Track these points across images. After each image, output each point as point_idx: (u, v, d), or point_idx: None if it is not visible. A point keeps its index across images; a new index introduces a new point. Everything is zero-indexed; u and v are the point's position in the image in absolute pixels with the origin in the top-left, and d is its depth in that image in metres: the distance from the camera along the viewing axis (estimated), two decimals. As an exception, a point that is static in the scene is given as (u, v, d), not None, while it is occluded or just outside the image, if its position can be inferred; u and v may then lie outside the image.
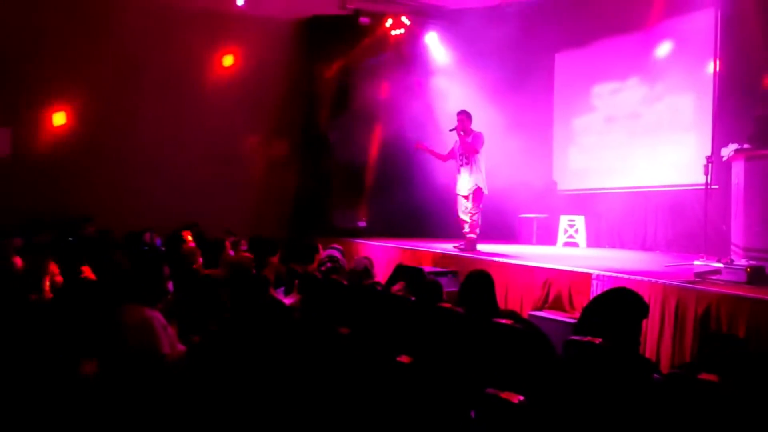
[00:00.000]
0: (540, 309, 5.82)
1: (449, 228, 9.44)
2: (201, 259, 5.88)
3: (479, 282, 3.72)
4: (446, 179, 9.57)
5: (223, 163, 10.49)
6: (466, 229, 7.71)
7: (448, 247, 7.84)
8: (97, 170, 9.52)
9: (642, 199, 8.72)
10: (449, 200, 9.59)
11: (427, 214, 10.09)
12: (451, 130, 7.88)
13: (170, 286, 3.76)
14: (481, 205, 7.75)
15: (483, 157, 7.74)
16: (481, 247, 7.93)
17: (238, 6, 10.07)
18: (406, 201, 10.52)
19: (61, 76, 9.31)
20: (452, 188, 8.25)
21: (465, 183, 7.78)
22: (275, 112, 11.21)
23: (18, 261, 5.48)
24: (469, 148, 7.69)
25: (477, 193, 7.69)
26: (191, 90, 10.27)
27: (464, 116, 7.78)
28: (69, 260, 5.28)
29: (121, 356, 3.22)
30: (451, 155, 7.99)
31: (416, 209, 10.34)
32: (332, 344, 3.25)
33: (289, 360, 2.90)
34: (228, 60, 10.62)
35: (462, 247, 7.63)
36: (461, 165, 7.81)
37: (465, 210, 7.80)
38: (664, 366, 4.53)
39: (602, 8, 9.05)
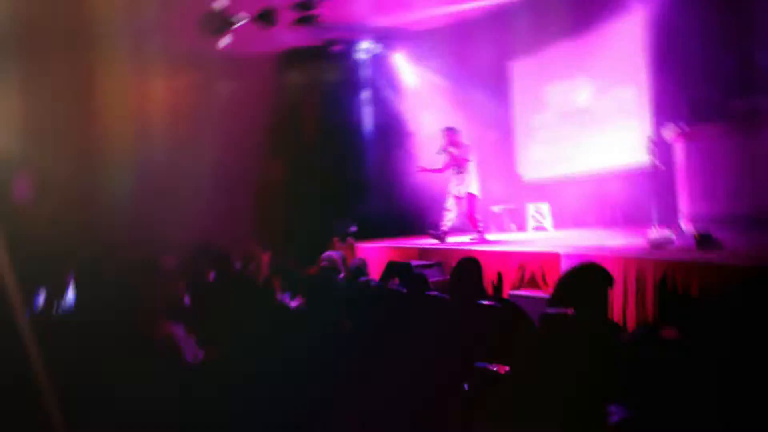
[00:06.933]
0: (518, 288, 5.85)
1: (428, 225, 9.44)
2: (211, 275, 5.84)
3: (468, 267, 3.71)
4: (421, 184, 9.59)
5: (226, 187, 10.42)
6: (479, 227, 7.81)
7: (434, 242, 7.86)
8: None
9: (598, 182, 8.77)
10: (426, 202, 9.62)
11: (409, 215, 10.11)
12: (438, 153, 7.89)
13: (186, 300, 3.74)
14: (477, 206, 7.87)
15: (473, 165, 7.83)
16: (460, 239, 7.96)
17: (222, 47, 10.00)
18: (390, 205, 10.54)
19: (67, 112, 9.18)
20: (428, 191, 8.26)
21: (460, 187, 7.84)
22: (267, 138, 11.15)
23: None
24: (459, 160, 7.77)
25: (470, 198, 7.78)
26: (190, 123, 10.20)
27: (452, 132, 7.85)
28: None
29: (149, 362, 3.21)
30: (447, 166, 7.96)
31: (399, 212, 10.37)
32: (336, 336, 3.25)
33: (298, 353, 2.89)
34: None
35: (476, 239, 7.69)
36: (456, 174, 7.86)
37: (459, 210, 7.92)
38: (630, 328, 4.56)
39: (547, 19, 9.12)
